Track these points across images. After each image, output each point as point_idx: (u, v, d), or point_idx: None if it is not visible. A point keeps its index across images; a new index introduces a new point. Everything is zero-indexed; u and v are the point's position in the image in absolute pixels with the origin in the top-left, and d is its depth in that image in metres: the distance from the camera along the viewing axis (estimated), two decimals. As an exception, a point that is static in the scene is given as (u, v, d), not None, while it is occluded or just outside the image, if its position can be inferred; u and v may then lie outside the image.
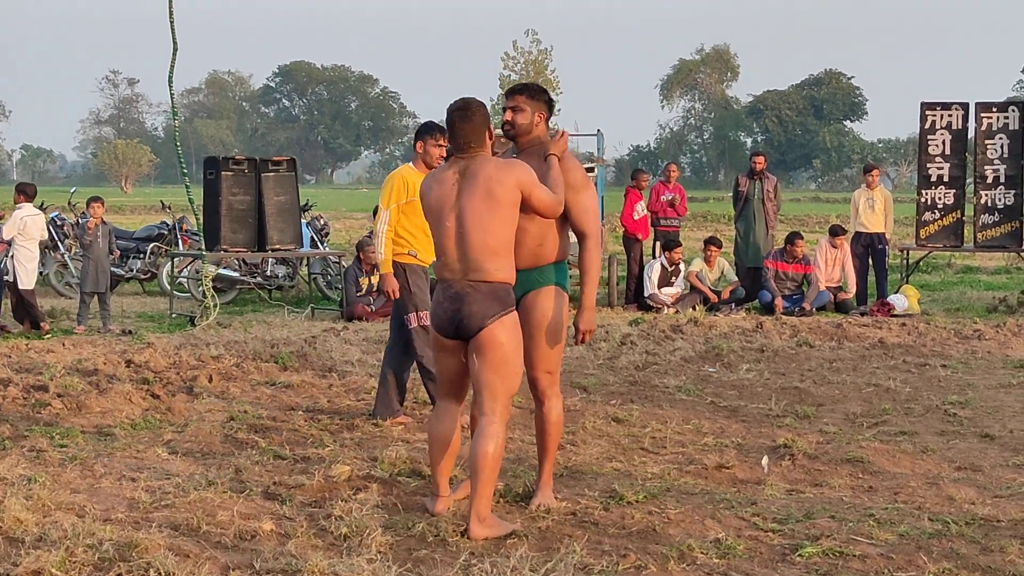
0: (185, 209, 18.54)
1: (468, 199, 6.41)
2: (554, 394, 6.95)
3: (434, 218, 6.56)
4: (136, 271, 19.59)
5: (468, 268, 6.42)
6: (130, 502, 6.85)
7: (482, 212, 6.37)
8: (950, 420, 9.64)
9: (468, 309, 6.40)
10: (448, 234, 6.47)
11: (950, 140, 17.70)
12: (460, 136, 6.55)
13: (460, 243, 6.42)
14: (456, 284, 6.45)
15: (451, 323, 6.46)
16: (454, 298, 6.45)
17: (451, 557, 5.93)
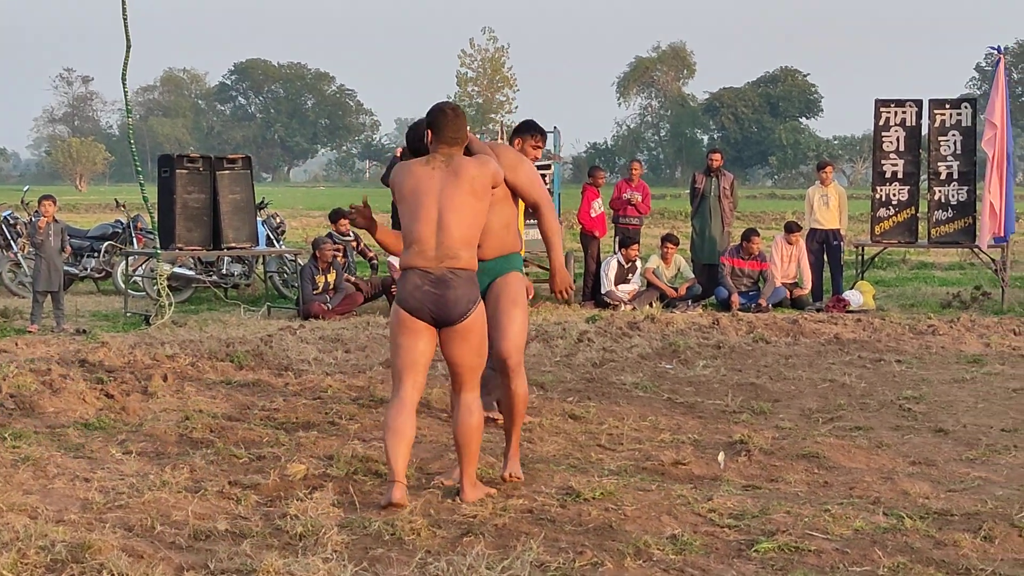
0: (140, 207, 18.42)
1: (452, 192, 6.83)
2: (520, 372, 7.41)
3: (410, 206, 6.89)
4: (90, 270, 19.46)
5: (444, 256, 6.79)
6: (83, 503, 6.80)
7: (463, 206, 6.81)
8: (904, 415, 9.69)
9: (453, 295, 6.78)
10: (427, 223, 6.82)
11: (904, 137, 17.79)
12: (451, 130, 6.92)
13: (438, 233, 6.81)
14: (435, 271, 6.79)
15: (432, 307, 6.78)
16: (436, 282, 6.78)
17: (407, 556, 5.92)
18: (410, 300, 6.83)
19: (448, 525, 6.46)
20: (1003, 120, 16.80)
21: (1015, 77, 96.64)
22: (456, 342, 6.88)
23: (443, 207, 6.82)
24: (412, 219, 6.88)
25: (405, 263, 6.93)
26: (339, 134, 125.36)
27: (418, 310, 6.81)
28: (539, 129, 8.98)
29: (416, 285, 6.81)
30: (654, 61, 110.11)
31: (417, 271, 6.84)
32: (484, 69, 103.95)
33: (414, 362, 6.89)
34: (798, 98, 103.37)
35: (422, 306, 6.80)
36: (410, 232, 6.89)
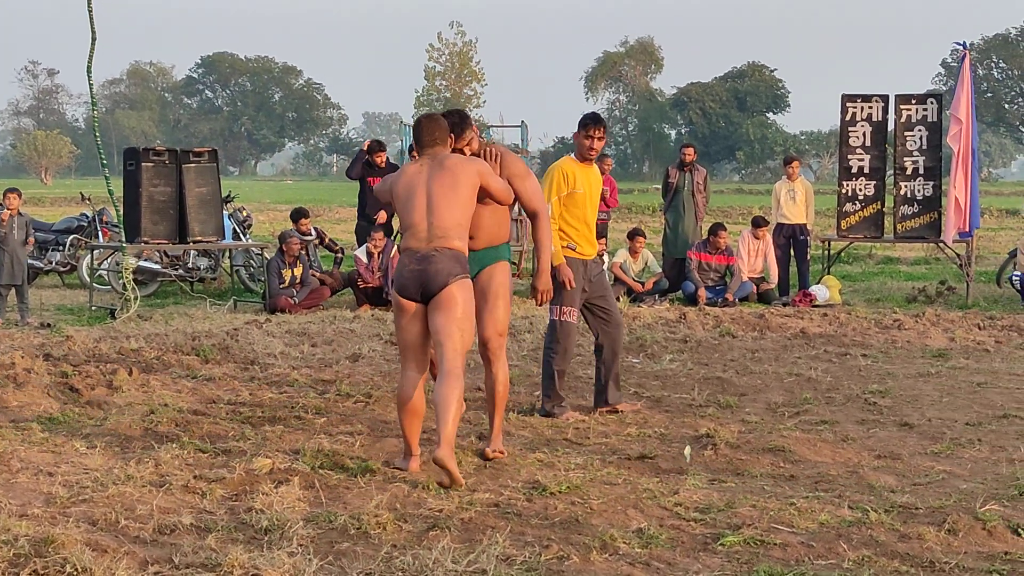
0: (105, 201, 18.31)
1: (437, 181, 7.41)
2: (502, 355, 8.02)
3: (404, 199, 7.48)
4: (55, 263, 19.35)
5: (433, 236, 7.33)
6: (47, 497, 6.76)
7: (448, 192, 7.37)
8: (870, 409, 9.73)
9: (434, 267, 7.26)
10: (418, 209, 7.39)
11: (870, 132, 17.85)
12: (426, 134, 7.62)
13: (428, 216, 7.35)
14: (421, 250, 7.32)
15: (416, 283, 7.29)
16: (420, 259, 7.30)
17: (373, 550, 5.91)
18: (400, 279, 7.38)
19: (414, 519, 6.45)
20: (968, 116, 16.87)
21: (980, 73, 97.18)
22: (437, 311, 7.29)
23: (431, 194, 7.38)
24: (405, 208, 7.46)
25: (402, 246, 7.49)
26: (306, 128, 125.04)
27: (405, 287, 7.34)
28: (594, 121, 9.34)
29: (404, 264, 7.36)
30: (622, 56, 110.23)
31: (408, 252, 7.39)
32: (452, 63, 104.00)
33: (412, 340, 7.44)
34: (765, 93, 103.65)
35: (408, 283, 7.32)
36: (403, 220, 7.49)
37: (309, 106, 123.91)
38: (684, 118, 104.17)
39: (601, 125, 9.34)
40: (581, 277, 9.30)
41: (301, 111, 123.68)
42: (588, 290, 9.40)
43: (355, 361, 11.75)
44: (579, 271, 9.29)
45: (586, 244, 9.36)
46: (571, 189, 9.24)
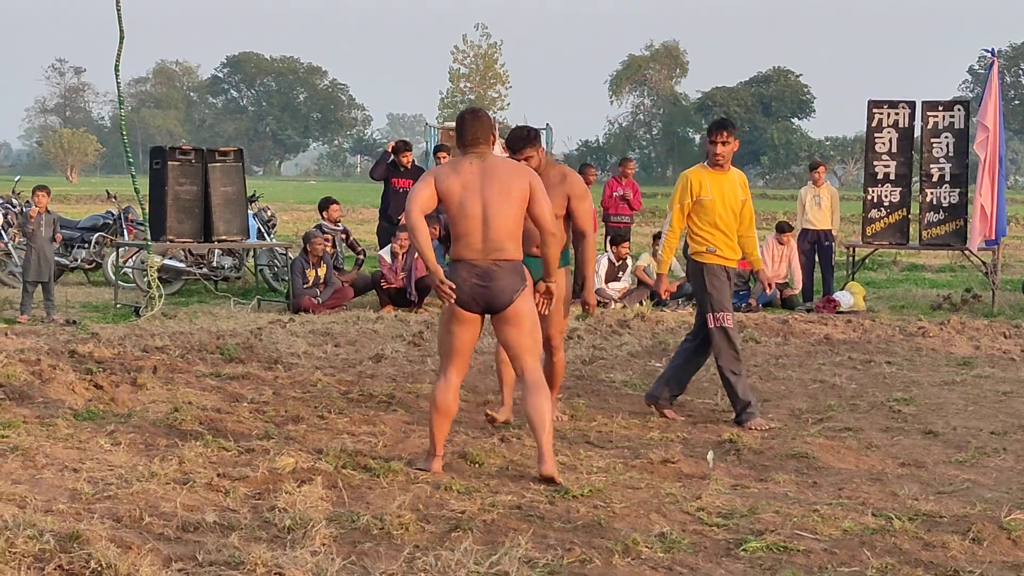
0: (131, 199, 18.36)
1: (491, 188, 7.32)
2: (561, 346, 8.96)
3: (457, 205, 7.34)
4: (81, 261, 19.41)
5: (490, 248, 7.31)
6: (72, 493, 6.79)
7: (502, 200, 7.31)
8: (894, 416, 9.69)
9: (498, 285, 7.32)
10: (473, 217, 7.31)
11: (896, 138, 17.79)
12: (469, 132, 7.51)
13: (485, 226, 7.30)
14: (481, 263, 7.31)
15: (480, 300, 7.33)
16: (482, 276, 7.31)
17: (395, 550, 5.91)
18: (461, 293, 7.32)
19: (436, 520, 6.46)
20: (995, 123, 16.81)
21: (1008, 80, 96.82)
22: (506, 326, 7.43)
23: (487, 202, 7.30)
24: (459, 215, 7.35)
25: (454, 255, 7.42)
26: (331, 128, 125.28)
27: (467, 303, 7.34)
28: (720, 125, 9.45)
29: (464, 279, 7.32)
30: (647, 59, 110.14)
31: (465, 263, 7.35)
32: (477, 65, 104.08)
33: (461, 348, 7.50)
34: (790, 98, 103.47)
35: (471, 299, 7.33)
36: (457, 226, 7.39)
37: (334, 107, 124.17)
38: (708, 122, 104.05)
39: (723, 129, 9.30)
40: (723, 282, 9.31)
41: (326, 112, 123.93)
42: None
43: (378, 362, 11.77)
44: (723, 274, 9.33)
45: (727, 249, 9.38)
46: (697, 197, 9.27)
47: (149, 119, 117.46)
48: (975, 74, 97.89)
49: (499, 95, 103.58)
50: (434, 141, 22.95)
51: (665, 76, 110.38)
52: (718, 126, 9.33)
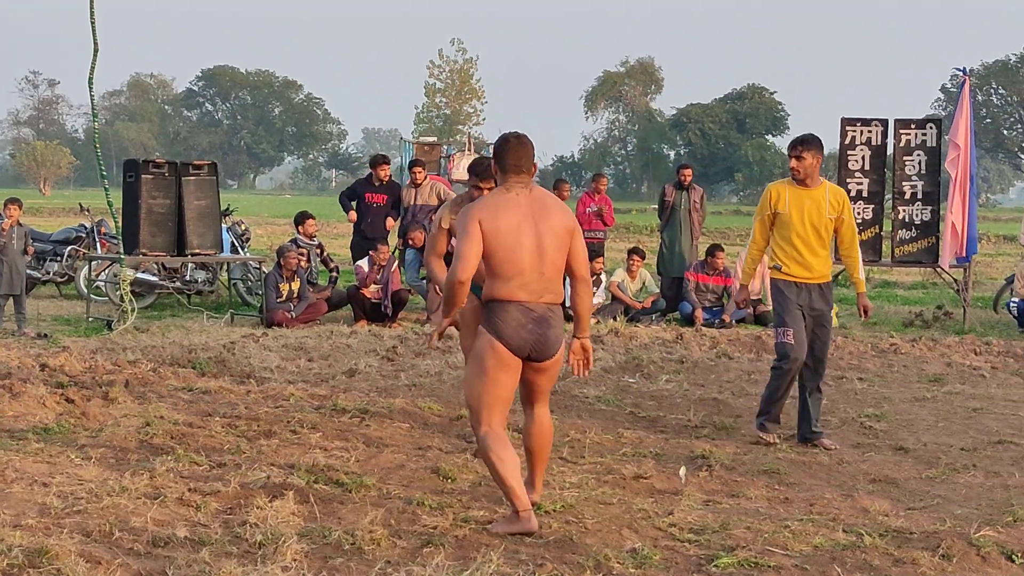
0: (104, 212, 18.30)
1: (545, 223, 6.78)
2: None
3: (511, 242, 6.70)
4: (53, 274, 19.33)
5: (544, 289, 6.77)
6: (41, 508, 6.75)
7: (555, 237, 6.80)
8: (866, 433, 9.73)
9: (554, 334, 6.81)
10: (528, 252, 6.72)
11: (869, 156, 17.85)
12: (513, 158, 6.85)
13: (539, 263, 6.75)
14: (537, 307, 6.75)
15: (533, 346, 6.76)
16: (538, 321, 6.75)
17: (367, 566, 5.91)
18: (514, 339, 6.71)
19: (408, 535, 6.45)
20: (967, 141, 16.90)
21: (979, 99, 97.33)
22: (541, 374, 6.93)
23: (541, 237, 6.76)
24: (513, 248, 6.70)
25: (505, 295, 6.72)
26: (306, 142, 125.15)
27: (520, 348, 6.75)
28: (800, 142, 9.22)
29: (520, 323, 6.71)
30: (622, 76, 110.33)
31: (519, 306, 6.72)
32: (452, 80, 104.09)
33: (506, 395, 6.83)
34: (765, 115, 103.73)
35: (525, 344, 6.75)
36: (510, 262, 6.70)
37: (309, 121, 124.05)
38: (683, 139, 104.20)
39: (797, 145, 9.17)
40: (785, 298, 9.21)
41: (301, 126, 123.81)
42: (807, 315, 9.23)
43: (351, 376, 11.75)
44: (790, 291, 9.22)
45: (794, 265, 9.21)
46: (774, 211, 9.23)
47: (123, 132, 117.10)
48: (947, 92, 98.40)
49: (474, 110, 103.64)
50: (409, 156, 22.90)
51: (640, 92, 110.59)
52: (796, 143, 9.21)
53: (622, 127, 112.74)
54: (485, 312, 6.80)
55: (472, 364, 6.89)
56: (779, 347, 9.28)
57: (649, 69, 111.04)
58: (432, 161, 22.86)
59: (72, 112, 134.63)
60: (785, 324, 9.21)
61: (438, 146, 25.38)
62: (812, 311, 9.20)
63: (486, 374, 6.75)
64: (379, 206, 17.63)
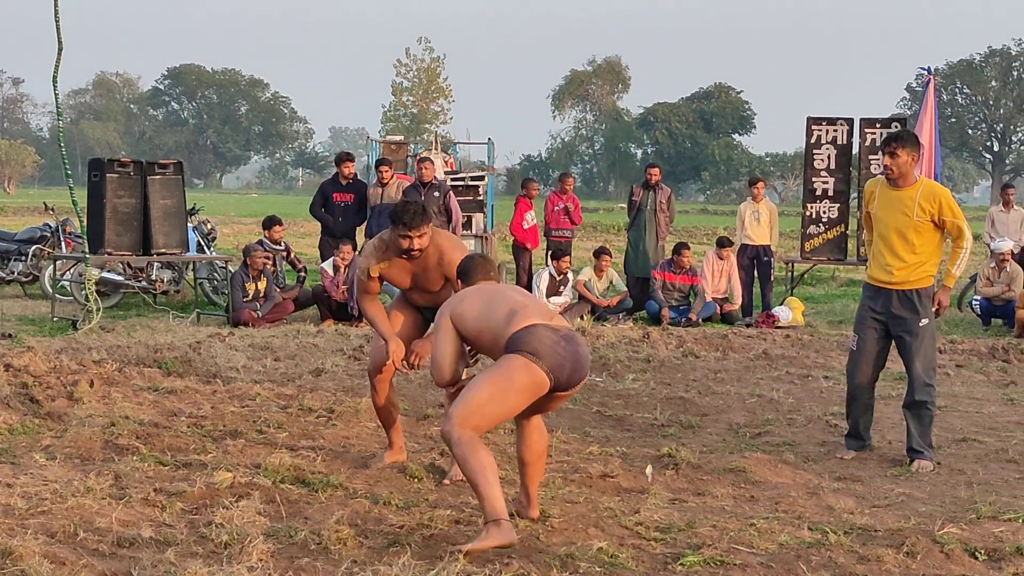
0: (69, 211, 18.22)
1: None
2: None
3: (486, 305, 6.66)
4: (17, 273, 19.22)
5: (551, 316, 6.64)
6: (5, 508, 6.71)
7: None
8: (831, 431, 9.77)
9: (584, 352, 6.59)
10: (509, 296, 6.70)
11: (835, 155, 17.96)
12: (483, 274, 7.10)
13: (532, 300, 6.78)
14: (558, 327, 6.53)
15: (571, 363, 6.45)
16: (568, 339, 6.49)
17: (333, 565, 5.90)
18: (553, 356, 6.36)
19: (375, 535, 6.44)
20: (931, 140, 17.00)
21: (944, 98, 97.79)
22: (560, 400, 6.72)
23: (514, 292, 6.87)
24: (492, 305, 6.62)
25: (521, 325, 6.44)
26: (272, 141, 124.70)
27: (559, 367, 6.38)
28: (892, 139, 8.70)
29: (554, 340, 6.39)
30: (589, 75, 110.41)
31: (543, 327, 6.44)
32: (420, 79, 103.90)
33: (504, 419, 6.66)
34: (731, 114, 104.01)
35: (563, 363, 6.39)
36: (499, 309, 6.58)
37: (275, 120, 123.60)
38: (650, 138, 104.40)
39: (889, 143, 8.66)
40: (869, 301, 8.90)
41: (267, 124, 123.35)
42: (887, 322, 8.81)
43: (318, 376, 11.73)
44: (867, 294, 8.97)
45: (875, 267, 8.86)
46: (867, 209, 9.01)
47: (88, 131, 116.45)
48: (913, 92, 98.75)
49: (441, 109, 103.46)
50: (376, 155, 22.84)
51: (607, 91, 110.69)
52: (886, 139, 8.77)
53: (589, 126, 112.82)
54: (511, 345, 6.41)
55: (492, 375, 6.38)
56: (849, 353, 9.14)
57: (616, 68, 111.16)
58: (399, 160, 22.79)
59: (37, 111, 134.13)
60: (855, 330, 9.03)
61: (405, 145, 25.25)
62: (893, 319, 8.75)
63: (505, 389, 6.33)
64: (347, 205, 17.60)
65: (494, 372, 6.37)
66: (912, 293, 8.69)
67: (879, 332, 8.84)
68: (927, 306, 8.71)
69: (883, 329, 8.82)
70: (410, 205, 7.61)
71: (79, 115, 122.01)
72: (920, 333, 8.69)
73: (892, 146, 8.62)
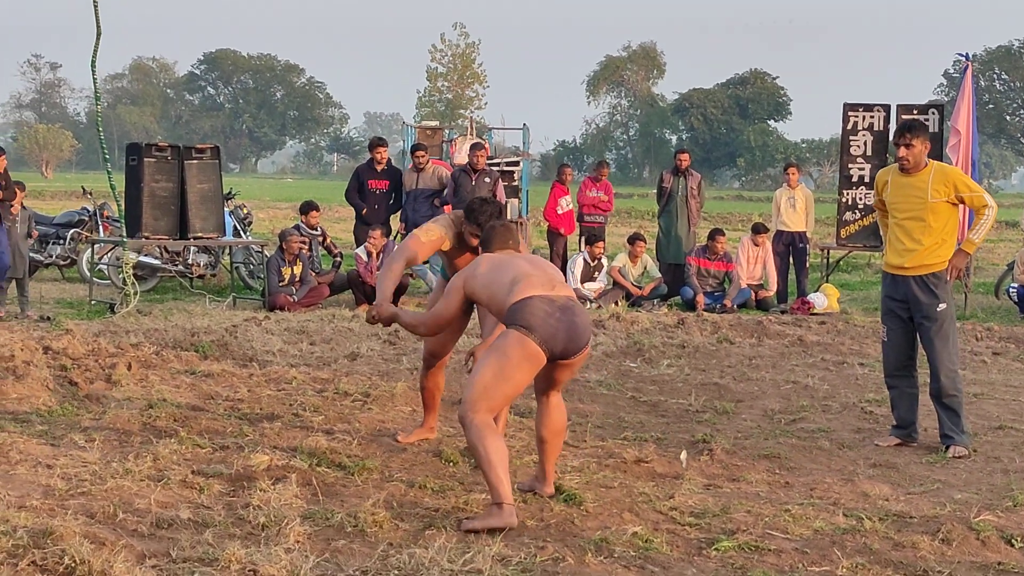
0: (107, 195, 18.34)
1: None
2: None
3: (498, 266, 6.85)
4: (56, 257, 19.37)
5: (555, 283, 6.73)
6: (45, 489, 6.78)
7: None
8: (866, 418, 9.75)
9: (582, 321, 6.63)
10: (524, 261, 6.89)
11: (872, 141, 17.86)
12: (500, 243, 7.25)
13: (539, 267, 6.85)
14: (557, 298, 6.60)
15: (566, 334, 6.53)
16: (565, 310, 6.56)
17: (369, 548, 5.94)
18: (545, 328, 6.45)
19: (411, 518, 6.48)
20: (968, 127, 16.90)
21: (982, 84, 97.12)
22: (568, 369, 6.76)
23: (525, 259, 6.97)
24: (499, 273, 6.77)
25: (519, 296, 6.55)
26: (307, 126, 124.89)
27: (553, 338, 6.47)
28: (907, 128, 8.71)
29: (547, 312, 6.48)
30: (624, 60, 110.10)
31: (539, 298, 6.54)
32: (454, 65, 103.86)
33: (513, 396, 6.71)
34: (767, 100, 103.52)
35: (557, 335, 6.49)
36: (505, 276, 6.72)
37: (311, 105, 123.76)
38: (685, 124, 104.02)
39: (907, 132, 8.63)
40: (888, 291, 8.87)
41: (303, 109, 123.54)
42: (909, 308, 8.75)
43: (353, 360, 11.78)
44: (885, 283, 8.95)
45: (891, 253, 8.80)
46: (879, 197, 8.95)
47: (125, 115, 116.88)
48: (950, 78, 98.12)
49: (476, 94, 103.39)
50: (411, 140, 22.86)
51: (642, 77, 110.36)
52: (899, 130, 8.74)
53: (624, 112, 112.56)
54: (508, 318, 6.55)
55: (492, 354, 6.54)
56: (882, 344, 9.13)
57: (651, 54, 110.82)
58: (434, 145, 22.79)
59: (74, 95, 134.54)
60: (882, 321, 9.02)
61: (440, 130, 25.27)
62: (913, 305, 8.70)
63: (505, 367, 6.45)
64: (381, 192, 17.65)
65: (492, 352, 6.54)
66: (929, 278, 8.66)
67: (904, 320, 8.83)
68: (944, 290, 8.70)
69: (908, 316, 8.81)
70: (488, 206, 7.77)
71: (116, 100, 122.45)
72: (939, 318, 8.68)
73: (907, 137, 8.62)
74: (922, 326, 8.74)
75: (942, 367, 8.71)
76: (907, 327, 8.85)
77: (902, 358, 8.92)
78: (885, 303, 8.93)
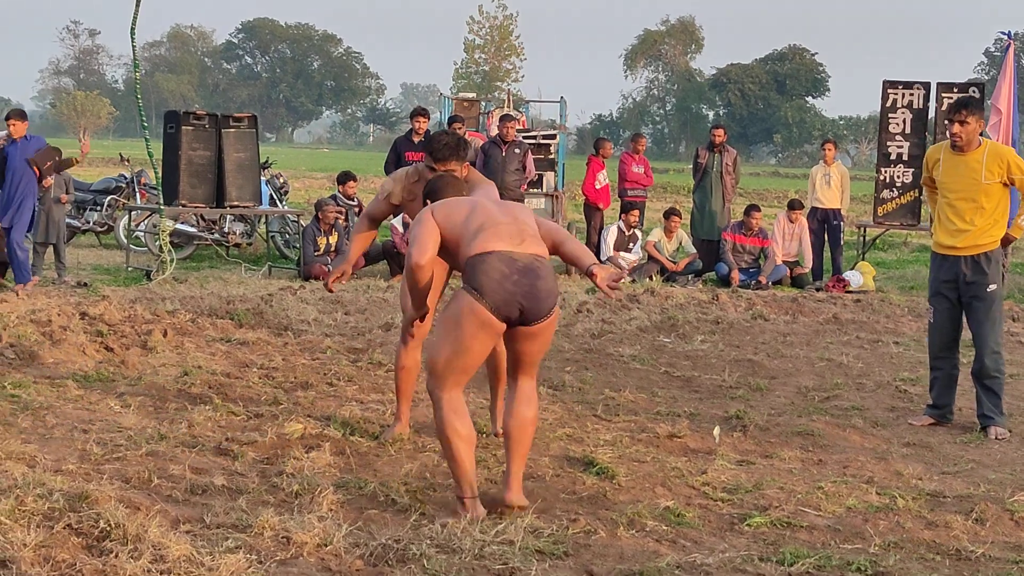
0: (144, 163, 18.42)
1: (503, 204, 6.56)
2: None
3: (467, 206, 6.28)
4: (93, 223, 19.48)
5: (524, 235, 6.10)
6: (81, 454, 6.83)
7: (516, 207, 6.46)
8: (900, 396, 9.72)
9: (544, 285, 6.00)
10: (494, 206, 6.31)
11: (910, 119, 17.75)
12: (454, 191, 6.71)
13: (508, 213, 6.24)
14: (521, 257, 5.99)
15: (523, 300, 5.94)
16: (526, 271, 5.96)
17: (402, 517, 5.96)
18: (498, 293, 5.90)
19: (443, 488, 6.50)
20: (1009, 106, 16.78)
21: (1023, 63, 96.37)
22: (535, 339, 6.11)
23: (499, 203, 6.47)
24: (474, 209, 6.23)
25: (480, 247, 6.00)
26: (344, 96, 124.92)
27: (507, 304, 5.92)
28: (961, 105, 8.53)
29: (504, 274, 5.91)
30: (662, 34, 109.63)
31: (499, 255, 5.96)
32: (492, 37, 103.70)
33: (476, 365, 6.12)
34: (805, 76, 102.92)
35: (511, 300, 5.92)
36: (475, 216, 6.16)
37: (348, 75, 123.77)
38: (723, 99, 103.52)
39: (960, 109, 8.46)
40: (937, 271, 8.77)
41: (339, 80, 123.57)
42: (959, 288, 8.65)
43: (388, 330, 11.80)
44: (935, 264, 8.83)
45: (942, 233, 8.67)
46: (929, 175, 8.84)
47: (163, 83, 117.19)
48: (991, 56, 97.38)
49: (513, 67, 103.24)
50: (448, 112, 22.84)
51: (680, 52, 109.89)
52: (954, 106, 8.57)
53: (661, 86, 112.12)
54: (465, 273, 6.04)
55: (445, 324, 6.06)
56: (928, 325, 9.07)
57: (689, 28, 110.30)
58: (471, 117, 22.75)
59: (112, 62, 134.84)
60: (929, 302, 8.93)
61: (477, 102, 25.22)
62: (964, 285, 8.61)
63: (460, 338, 5.98)
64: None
65: (447, 321, 6.05)
66: (980, 257, 8.58)
67: (952, 301, 8.75)
68: (995, 270, 8.62)
69: (955, 297, 8.72)
70: (442, 136, 7.27)
71: (154, 67, 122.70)
72: (988, 298, 8.61)
73: (963, 113, 8.47)
74: (971, 305, 8.67)
75: (986, 347, 8.63)
76: (954, 309, 8.78)
77: (947, 340, 8.86)
78: (933, 284, 8.85)
